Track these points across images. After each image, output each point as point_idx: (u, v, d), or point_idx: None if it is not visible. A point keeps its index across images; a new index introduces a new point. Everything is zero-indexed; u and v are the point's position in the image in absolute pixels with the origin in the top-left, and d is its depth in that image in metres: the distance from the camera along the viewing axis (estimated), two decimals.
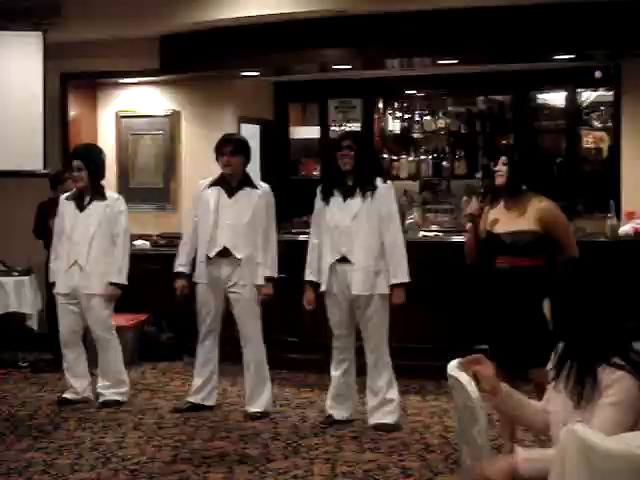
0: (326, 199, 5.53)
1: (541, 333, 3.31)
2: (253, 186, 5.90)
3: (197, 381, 6.02)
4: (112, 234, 6.20)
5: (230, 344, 6.02)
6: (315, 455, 5.05)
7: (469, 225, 4.94)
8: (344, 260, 5.46)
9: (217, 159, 5.84)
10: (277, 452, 5.12)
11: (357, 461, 4.94)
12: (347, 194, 5.47)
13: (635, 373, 2.81)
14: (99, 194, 6.23)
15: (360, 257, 5.42)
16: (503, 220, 4.68)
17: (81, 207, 6.20)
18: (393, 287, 5.45)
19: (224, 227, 5.78)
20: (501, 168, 4.76)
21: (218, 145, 5.84)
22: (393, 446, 5.20)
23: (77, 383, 6.27)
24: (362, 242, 5.43)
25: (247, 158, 5.90)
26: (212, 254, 5.80)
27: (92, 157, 6.27)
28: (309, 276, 5.64)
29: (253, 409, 5.84)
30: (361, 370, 5.64)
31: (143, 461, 4.97)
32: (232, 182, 5.84)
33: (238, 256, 5.79)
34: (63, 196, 6.41)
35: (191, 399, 6.02)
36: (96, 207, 6.19)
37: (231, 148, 5.79)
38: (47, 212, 7.16)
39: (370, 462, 4.92)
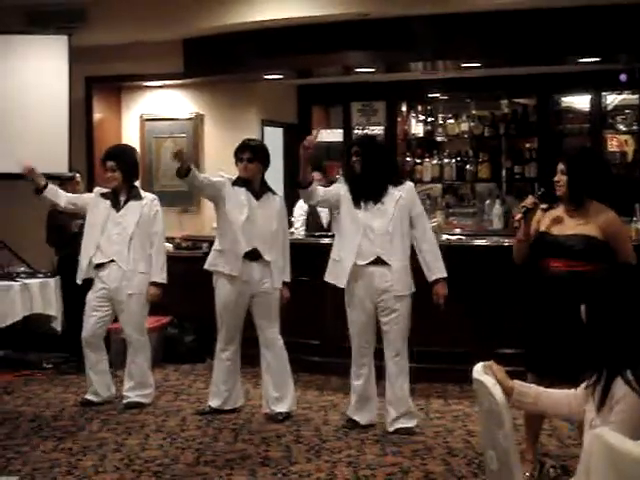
0: (357, 202, 5.50)
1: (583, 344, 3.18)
2: (272, 192, 5.94)
3: (223, 387, 6.00)
4: (149, 233, 6.22)
5: (249, 346, 6.03)
6: (337, 458, 5.04)
7: (519, 216, 4.74)
8: (377, 262, 5.45)
9: (236, 163, 5.85)
10: (299, 455, 5.12)
11: (379, 464, 4.92)
12: (376, 197, 5.47)
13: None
14: (135, 194, 6.26)
15: (397, 257, 5.44)
16: (563, 223, 4.52)
17: (117, 206, 6.20)
18: (436, 282, 5.49)
19: (254, 228, 5.78)
20: (561, 178, 4.53)
21: (237, 150, 5.85)
22: (416, 450, 5.18)
23: (99, 384, 6.29)
24: (398, 243, 5.44)
25: (265, 164, 5.89)
26: (241, 253, 5.79)
27: (125, 157, 6.30)
28: None
29: (279, 409, 5.84)
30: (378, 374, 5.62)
31: (166, 463, 4.98)
32: (255, 186, 5.85)
33: (267, 259, 5.80)
34: (97, 190, 6.38)
35: (223, 406, 6.00)
36: (133, 207, 6.20)
37: (249, 155, 5.78)
38: (57, 217, 7.21)
39: (392, 466, 4.90)
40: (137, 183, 6.41)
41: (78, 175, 7.57)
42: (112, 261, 6.15)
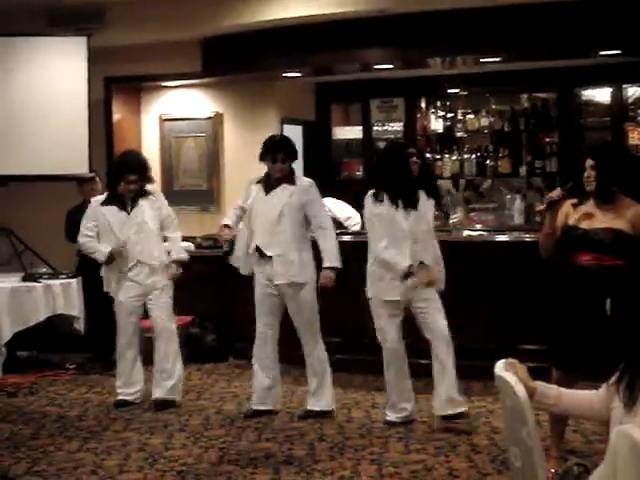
0: (396, 204, 5.51)
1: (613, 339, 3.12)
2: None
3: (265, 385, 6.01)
4: (164, 224, 6.31)
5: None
6: (361, 456, 5.03)
7: (541, 207, 4.69)
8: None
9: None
10: (323, 453, 5.11)
11: (403, 462, 4.91)
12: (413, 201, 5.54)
13: None
14: (142, 192, 6.29)
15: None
16: (593, 217, 4.46)
17: (126, 209, 6.22)
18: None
19: None
20: (590, 174, 4.47)
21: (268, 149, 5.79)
22: (440, 447, 5.16)
23: (138, 385, 6.34)
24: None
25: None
26: None
27: (145, 167, 6.33)
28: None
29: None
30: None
31: (190, 462, 4.99)
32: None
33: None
34: (95, 201, 6.42)
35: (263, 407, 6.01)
36: (144, 205, 6.24)
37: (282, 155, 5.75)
38: (76, 216, 7.26)
39: (416, 463, 4.89)
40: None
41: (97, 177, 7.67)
42: (138, 261, 6.21)
